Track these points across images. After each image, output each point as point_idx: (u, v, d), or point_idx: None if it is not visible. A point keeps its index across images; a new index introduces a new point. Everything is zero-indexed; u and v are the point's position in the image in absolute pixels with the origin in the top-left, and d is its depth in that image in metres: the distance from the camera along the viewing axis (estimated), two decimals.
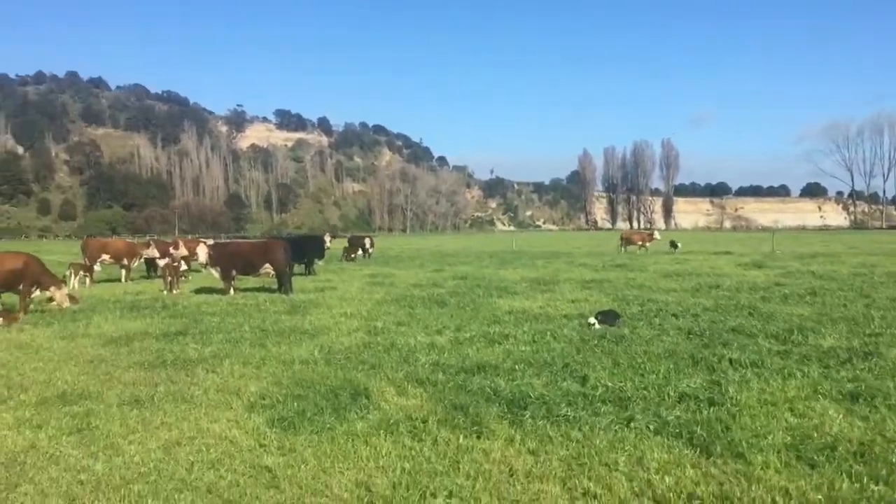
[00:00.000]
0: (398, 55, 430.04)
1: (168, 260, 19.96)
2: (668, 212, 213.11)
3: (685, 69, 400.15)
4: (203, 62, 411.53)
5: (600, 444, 5.66)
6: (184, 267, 19.71)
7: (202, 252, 18.02)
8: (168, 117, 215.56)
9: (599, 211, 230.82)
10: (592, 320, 11.52)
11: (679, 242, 41.48)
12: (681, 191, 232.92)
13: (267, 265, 18.06)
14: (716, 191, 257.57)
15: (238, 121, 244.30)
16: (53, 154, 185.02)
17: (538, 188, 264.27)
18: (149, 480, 5.20)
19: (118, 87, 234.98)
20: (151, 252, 24.10)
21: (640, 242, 40.60)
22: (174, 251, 20.64)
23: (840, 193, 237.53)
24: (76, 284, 20.54)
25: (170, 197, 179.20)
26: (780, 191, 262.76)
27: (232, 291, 17.93)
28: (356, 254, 36.12)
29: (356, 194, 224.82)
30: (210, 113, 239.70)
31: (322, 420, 6.49)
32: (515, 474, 5.14)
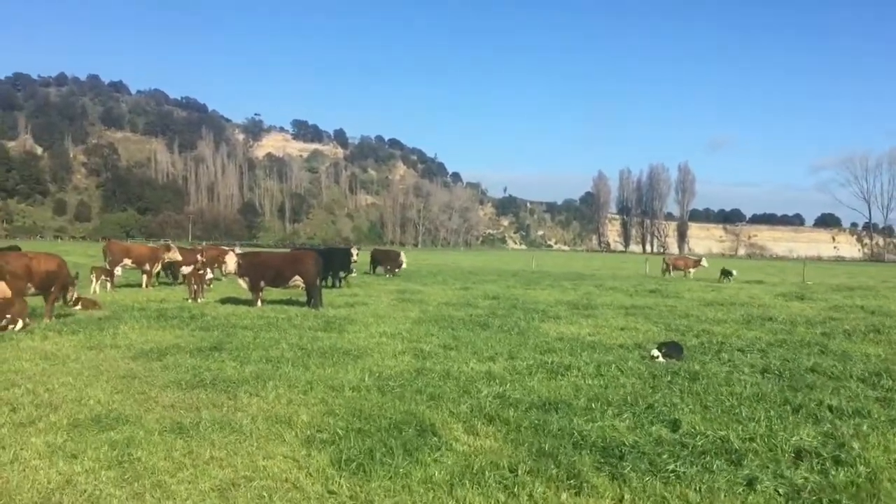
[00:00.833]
0: (416, 70, 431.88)
1: (193, 267, 19.21)
2: (682, 236, 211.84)
3: (703, 95, 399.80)
4: (223, 70, 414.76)
5: None
6: (209, 275, 18.98)
7: (231, 261, 17.33)
8: (186, 123, 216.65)
9: (612, 233, 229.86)
10: (656, 353, 10.72)
11: (734, 270, 36.75)
12: (694, 216, 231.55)
13: (297, 277, 17.33)
14: (729, 217, 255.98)
15: (255, 129, 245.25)
16: (72, 155, 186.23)
17: (550, 208, 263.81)
18: None
19: (138, 92, 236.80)
20: (174, 255, 23.45)
21: (685, 268, 38.80)
22: (200, 258, 19.95)
23: (854, 225, 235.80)
24: (97, 288, 19.87)
25: (184, 202, 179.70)
26: (794, 220, 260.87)
27: (259, 303, 17.21)
28: (393, 267, 35.07)
29: (369, 207, 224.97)
30: (227, 120, 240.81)
31: (394, 463, 5.71)
32: None
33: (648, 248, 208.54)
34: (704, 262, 40.89)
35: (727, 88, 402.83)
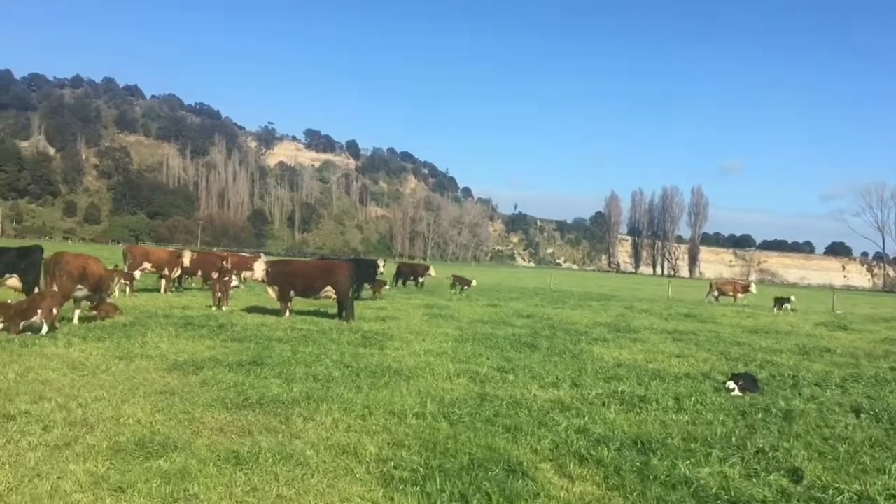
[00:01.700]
0: (429, 84, 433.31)
1: (219, 274, 18.40)
2: (693, 260, 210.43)
3: (717, 120, 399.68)
4: (237, 77, 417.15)
5: None
6: (234, 283, 18.19)
7: (259, 268, 16.55)
8: (199, 129, 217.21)
9: (622, 254, 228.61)
10: (732, 385, 9.86)
11: (792, 297, 32.97)
12: (704, 240, 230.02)
13: (329, 288, 16.52)
14: (739, 242, 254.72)
15: (268, 138, 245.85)
16: (84, 157, 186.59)
17: (560, 226, 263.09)
18: None
19: (153, 96, 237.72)
20: (186, 262, 22.74)
21: (732, 293, 37.17)
22: (226, 264, 19.17)
23: (865, 254, 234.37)
24: (116, 292, 19.10)
25: (195, 208, 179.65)
26: (804, 247, 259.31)
27: (287, 313, 16.40)
28: (421, 279, 34.40)
29: (379, 219, 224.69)
30: (240, 128, 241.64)
31: None
32: None
33: (659, 269, 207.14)
34: (753, 289, 38.70)
35: (740, 112, 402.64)
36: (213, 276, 22.96)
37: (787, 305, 31.38)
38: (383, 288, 25.99)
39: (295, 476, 5.50)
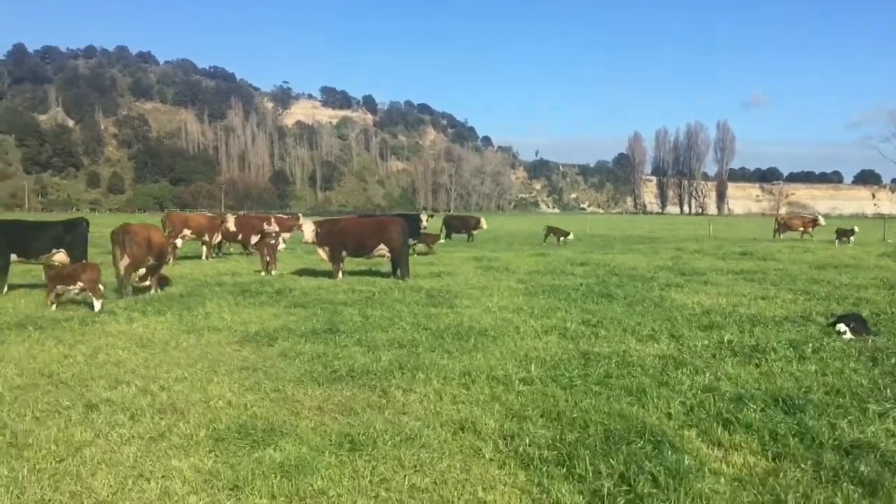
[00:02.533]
0: (444, 34, 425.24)
1: (267, 237, 17.82)
2: (721, 197, 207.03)
3: (739, 53, 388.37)
4: (250, 38, 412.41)
5: None
6: (281, 245, 17.60)
7: (308, 229, 15.90)
8: (215, 93, 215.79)
9: (648, 195, 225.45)
10: (843, 328, 9.07)
11: (855, 227, 31.80)
12: (729, 176, 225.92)
13: (382, 246, 15.87)
14: (766, 176, 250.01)
15: (284, 97, 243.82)
16: (103, 127, 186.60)
17: (583, 170, 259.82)
18: None
19: (166, 62, 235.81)
20: (231, 226, 22.25)
21: (801, 228, 35.47)
22: (268, 227, 18.58)
23: (895, 181, 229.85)
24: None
25: (216, 172, 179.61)
26: (833, 177, 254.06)
27: (340, 275, 15.81)
28: (474, 231, 33.79)
29: (400, 173, 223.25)
30: (256, 89, 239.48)
31: (668, 500, 4.21)
32: None
33: (686, 208, 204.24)
34: (822, 220, 37.14)
35: (762, 44, 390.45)
36: (252, 239, 22.61)
37: (850, 237, 30.28)
38: (437, 242, 25.42)
39: (421, 461, 4.89)
